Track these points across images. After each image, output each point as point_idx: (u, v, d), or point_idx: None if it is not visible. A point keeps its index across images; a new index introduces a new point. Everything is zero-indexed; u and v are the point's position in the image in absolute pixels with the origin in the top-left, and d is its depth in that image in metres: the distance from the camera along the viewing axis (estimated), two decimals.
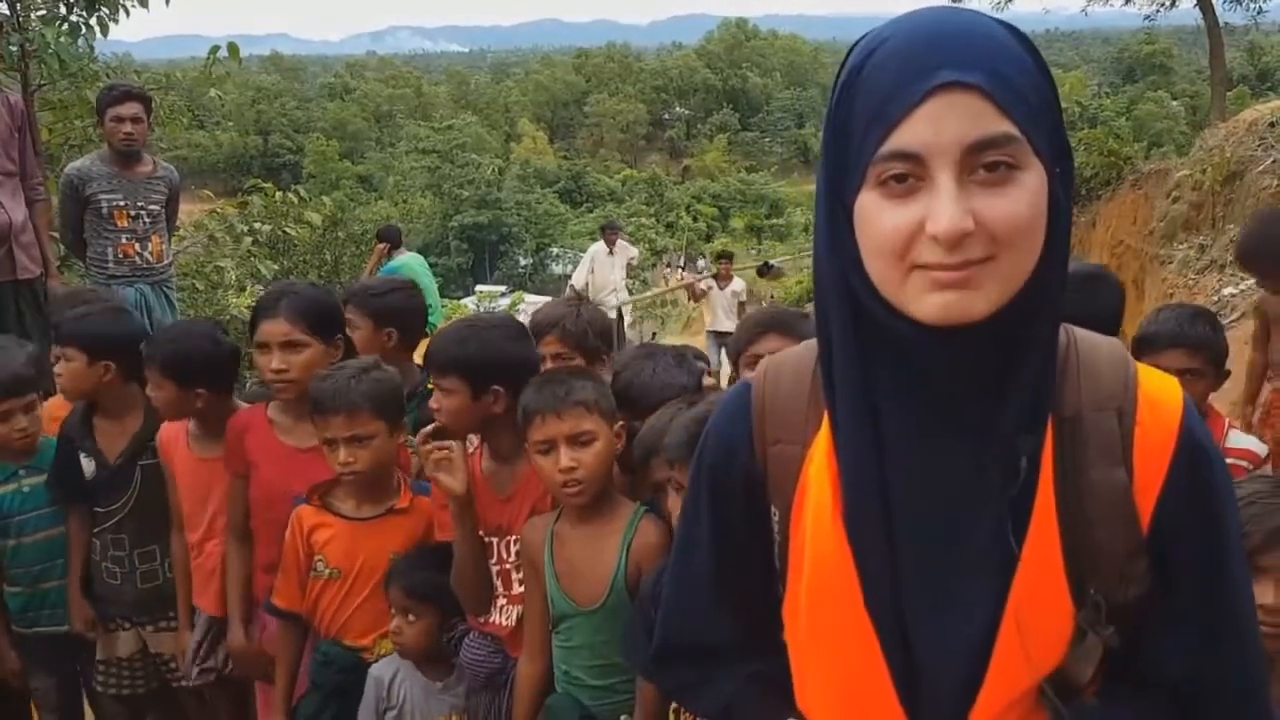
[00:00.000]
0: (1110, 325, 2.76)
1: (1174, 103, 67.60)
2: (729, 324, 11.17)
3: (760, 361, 1.38)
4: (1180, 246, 8.63)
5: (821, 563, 1.19)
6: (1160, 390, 1.18)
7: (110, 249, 5.55)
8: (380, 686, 2.77)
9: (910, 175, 1.03)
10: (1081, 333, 1.23)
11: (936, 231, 1.01)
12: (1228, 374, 2.94)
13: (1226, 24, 19.76)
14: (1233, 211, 8.12)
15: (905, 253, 1.04)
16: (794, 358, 1.32)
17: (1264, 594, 1.94)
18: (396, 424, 2.81)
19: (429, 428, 2.58)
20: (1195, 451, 1.16)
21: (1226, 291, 7.21)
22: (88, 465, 3.28)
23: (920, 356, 1.10)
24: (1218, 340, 2.88)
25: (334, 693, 2.81)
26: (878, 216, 1.06)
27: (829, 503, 1.18)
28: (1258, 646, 1.21)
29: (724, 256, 13.07)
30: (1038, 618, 1.12)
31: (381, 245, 9.57)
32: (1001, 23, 1.09)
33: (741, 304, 11.75)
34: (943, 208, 1.01)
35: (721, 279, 12.15)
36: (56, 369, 3.27)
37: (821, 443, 1.21)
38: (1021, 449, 1.11)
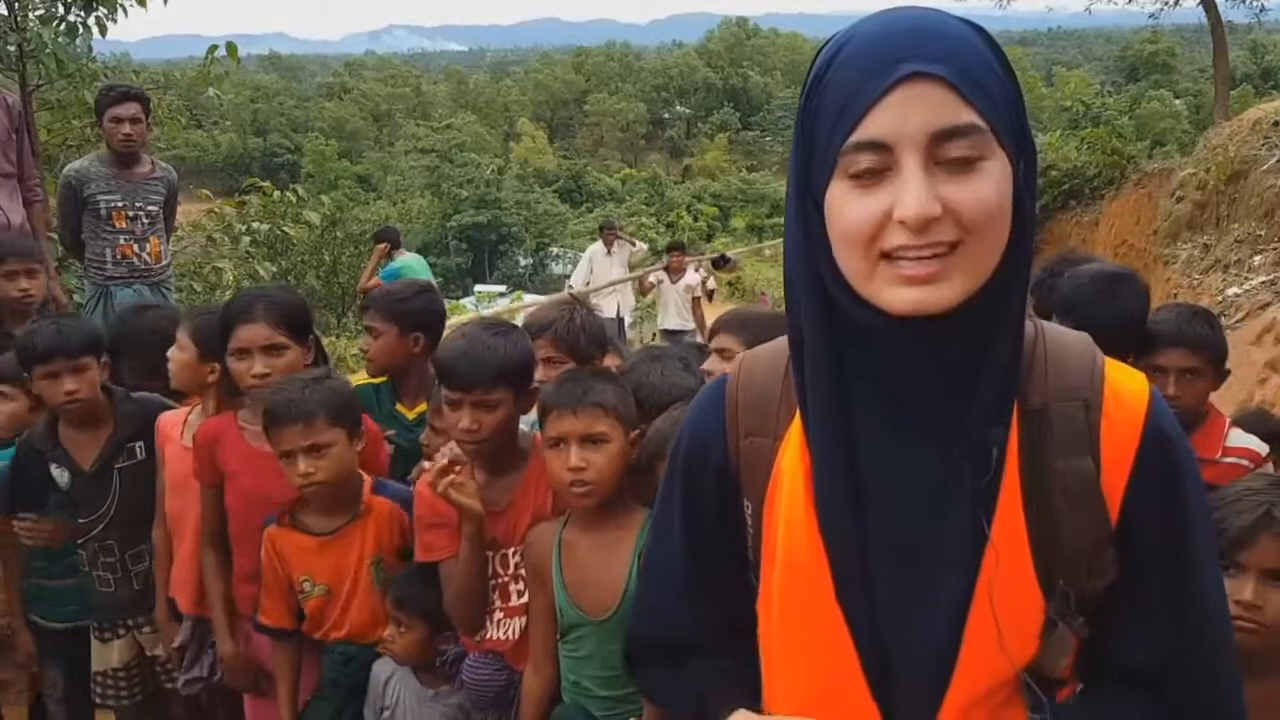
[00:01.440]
0: (1134, 328, 2.77)
1: (1177, 101, 67.58)
2: (680, 321, 10.80)
3: (735, 357, 1.41)
4: (1184, 246, 8.60)
5: (794, 556, 1.20)
6: (1127, 382, 1.19)
7: (108, 250, 5.51)
8: (377, 685, 2.78)
9: (878, 165, 1.05)
10: (1050, 326, 1.24)
11: (904, 216, 1.03)
12: (1228, 373, 2.91)
13: (1229, 22, 19.75)
14: (1237, 211, 8.10)
15: (874, 241, 1.06)
16: (769, 352, 1.34)
17: (1243, 589, 1.93)
18: (355, 432, 2.76)
19: (442, 463, 2.48)
20: (1162, 442, 1.17)
21: (1231, 291, 7.17)
22: (61, 475, 3.22)
23: (889, 349, 1.11)
24: (1217, 339, 2.86)
25: (353, 690, 2.82)
26: (846, 206, 1.07)
27: (801, 496, 1.20)
28: (1225, 634, 1.22)
29: (675, 248, 12.00)
30: (1007, 609, 1.13)
31: (382, 245, 9.53)
32: (966, 21, 1.11)
33: (696, 299, 10.97)
34: (910, 193, 1.03)
35: (673, 272, 11.16)
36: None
37: (794, 436, 1.23)
38: (990, 440, 1.12)
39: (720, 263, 15.77)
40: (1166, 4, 20.99)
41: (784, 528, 1.22)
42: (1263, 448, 2.92)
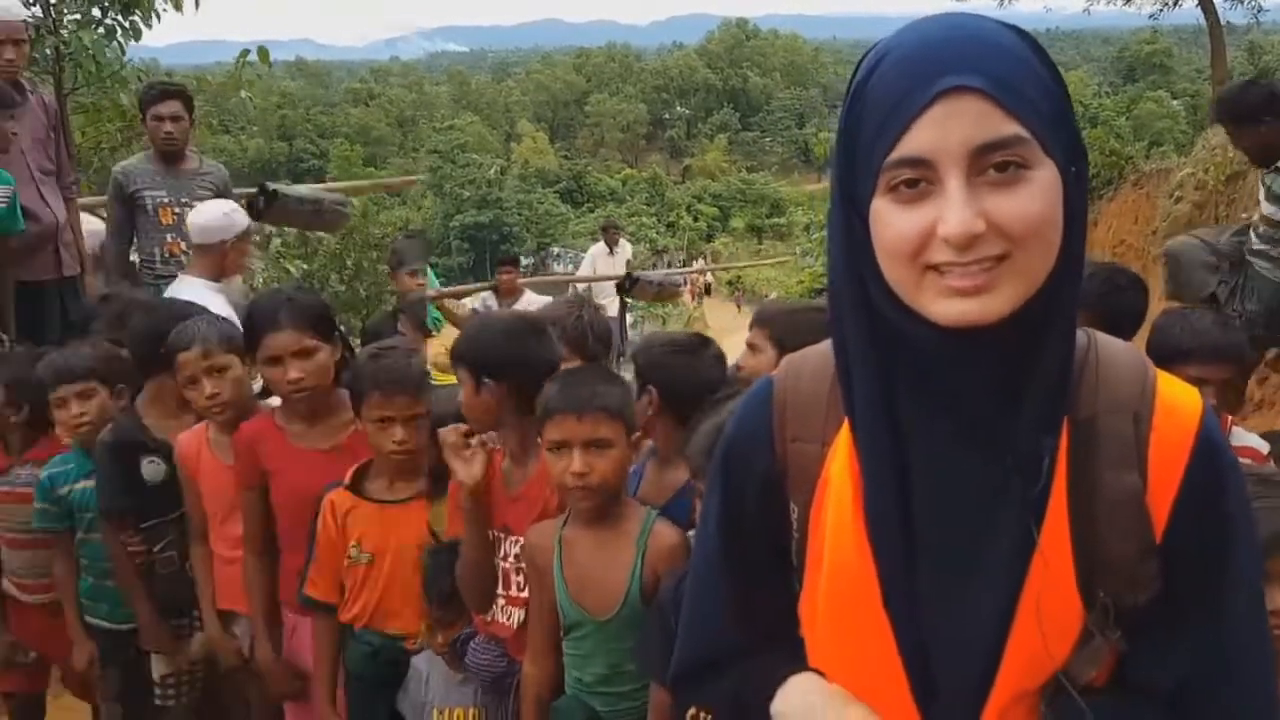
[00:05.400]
0: (1142, 317, 2.87)
1: (1174, 102, 67.44)
2: None
3: (783, 360, 1.40)
4: None
5: (841, 562, 1.20)
6: (1178, 396, 1.17)
7: (157, 249, 5.47)
8: (420, 678, 2.78)
9: (921, 179, 1.04)
10: (1102, 337, 1.22)
11: (947, 234, 1.02)
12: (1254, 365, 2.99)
13: (1228, 23, 19.79)
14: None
15: (918, 255, 1.05)
16: (815, 356, 1.31)
17: (1274, 598, 1.83)
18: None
19: (459, 425, 2.52)
20: (1212, 459, 1.15)
21: None
22: (154, 470, 3.18)
23: (937, 359, 1.10)
24: (1246, 344, 2.88)
25: (380, 684, 2.82)
26: (890, 222, 1.06)
27: (849, 503, 1.19)
28: (1265, 653, 1.18)
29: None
30: (1048, 621, 1.13)
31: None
32: (1009, 26, 1.10)
33: None
34: (952, 211, 1.02)
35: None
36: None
37: (842, 443, 1.21)
38: (1041, 450, 1.11)
39: (629, 285, 10.79)
40: (1165, 4, 21.07)
41: (831, 534, 1.20)
42: (1264, 446, 2.93)
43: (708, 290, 31.87)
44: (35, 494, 3.36)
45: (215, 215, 4.60)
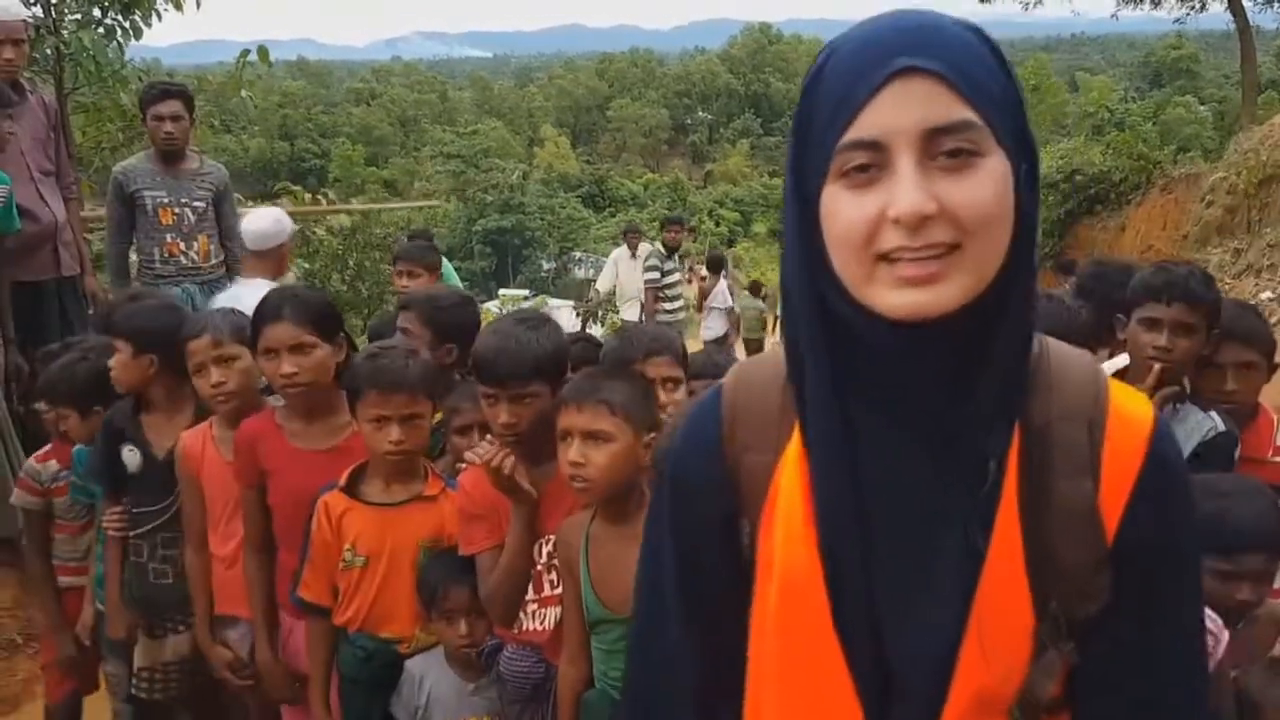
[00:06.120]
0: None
1: (1201, 107, 66.98)
2: None
3: (733, 366, 1.36)
4: (1215, 251, 8.57)
5: (790, 574, 1.17)
6: (1130, 405, 1.17)
7: (157, 249, 5.48)
8: (412, 682, 2.76)
9: (872, 164, 1.03)
10: (1055, 344, 1.21)
11: (898, 214, 1.01)
12: (1278, 367, 2.91)
13: (1257, 27, 19.65)
14: (1269, 215, 8.07)
15: (869, 243, 1.04)
16: (768, 362, 1.29)
17: None
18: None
19: (499, 452, 2.48)
20: (1163, 468, 1.14)
21: (1264, 296, 7.15)
22: (131, 458, 3.21)
23: (888, 356, 1.09)
24: (1269, 331, 2.86)
25: (375, 687, 2.79)
26: (841, 207, 1.06)
27: (799, 511, 1.16)
28: (1201, 668, 1.21)
29: None
30: (1000, 630, 1.12)
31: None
32: (964, 22, 1.10)
33: None
34: (904, 191, 1.01)
35: None
36: (110, 360, 3.23)
37: (793, 451, 1.19)
38: (989, 452, 1.10)
39: None
40: (1192, 9, 20.94)
41: (781, 545, 1.18)
42: None
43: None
44: (72, 470, 3.52)
45: (269, 223, 4.94)
